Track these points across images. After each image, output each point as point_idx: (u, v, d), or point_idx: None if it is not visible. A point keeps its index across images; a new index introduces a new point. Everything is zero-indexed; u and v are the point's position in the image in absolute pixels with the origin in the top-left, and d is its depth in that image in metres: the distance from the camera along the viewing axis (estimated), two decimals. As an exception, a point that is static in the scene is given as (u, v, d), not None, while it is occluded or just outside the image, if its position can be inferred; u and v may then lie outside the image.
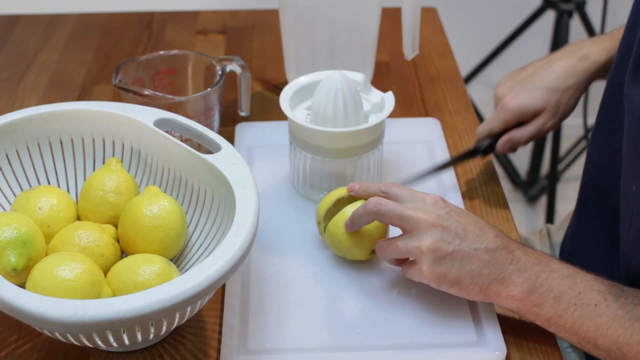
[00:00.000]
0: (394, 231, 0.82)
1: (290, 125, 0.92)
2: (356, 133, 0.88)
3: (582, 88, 0.97)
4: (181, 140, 0.84)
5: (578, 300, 0.73)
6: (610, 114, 0.88)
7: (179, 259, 0.83)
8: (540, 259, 0.75)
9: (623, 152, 0.81)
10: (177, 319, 0.70)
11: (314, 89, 0.91)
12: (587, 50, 0.97)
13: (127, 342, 0.70)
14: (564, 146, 2.13)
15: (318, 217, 0.86)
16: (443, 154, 1.02)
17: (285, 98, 0.92)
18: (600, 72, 0.97)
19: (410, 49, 1.03)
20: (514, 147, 0.96)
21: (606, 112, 0.89)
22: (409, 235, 0.77)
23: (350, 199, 0.86)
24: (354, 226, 0.81)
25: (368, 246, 0.83)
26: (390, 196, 0.79)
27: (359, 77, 0.94)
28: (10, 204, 0.84)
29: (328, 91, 0.88)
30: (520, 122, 0.96)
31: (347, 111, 0.88)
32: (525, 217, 2.12)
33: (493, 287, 0.75)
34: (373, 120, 0.91)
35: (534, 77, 0.97)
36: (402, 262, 0.80)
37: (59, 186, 0.87)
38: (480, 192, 0.98)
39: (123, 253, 0.81)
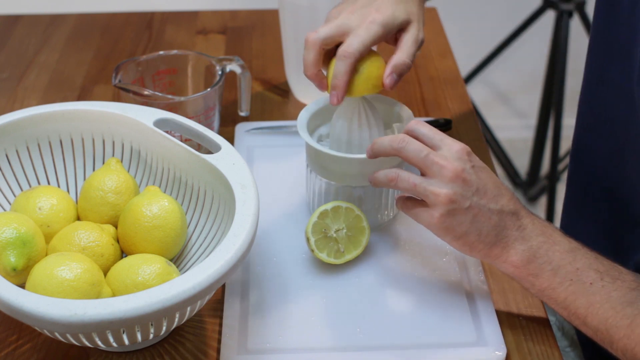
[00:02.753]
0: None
1: (307, 148, 0.89)
2: (363, 160, 0.83)
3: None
4: (181, 140, 0.84)
5: (574, 276, 0.73)
6: (592, 105, 0.87)
7: (178, 259, 0.83)
8: (544, 230, 0.76)
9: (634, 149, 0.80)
10: (177, 319, 0.70)
11: (333, 111, 0.88)
12: None
13: (127, 342, 0.70)
14: (564, 146, 2.13)
15: (306, 233, 0.84)
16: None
17: (303, 119, 0.88)
18: None
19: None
20: (401, 74, 0.86)
21: (587, 105, 0.88)
22: (429, 179, 0.76)
23: (334, 210, 0.85)
24: (374, 154, 0.80)
25: (367, 80, 0.83)
26: (417, 135, 0.78)
27: (405, 114, 0.89)
28: (10, 204, 0.84)
29: (344, 114, 0.86)
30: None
31: (362, 136, 0.86)
32: (525, 217, 2.12)
33: (495, 250, 0.75)
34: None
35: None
36: (408, 199, 0.79)
37: (58, 186, 0.87)
38: (480, 192, 0.98)
39: (123, 253, 0.81)
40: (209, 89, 0.97)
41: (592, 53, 0.88)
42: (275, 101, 1.15)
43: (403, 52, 0.85)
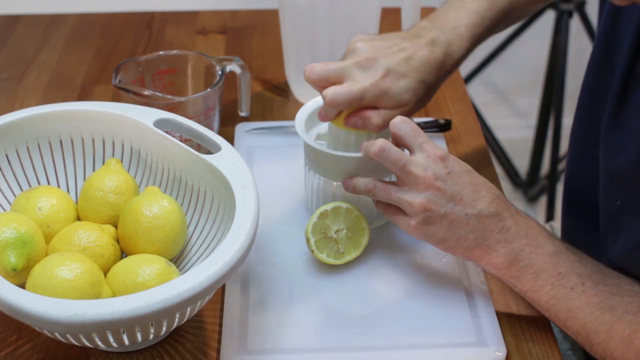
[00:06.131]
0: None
1: (304, 147, 0.89)
2: (359, 159, 0.84)
3: (443, 80, 0.90)
4: (181, 140, 0.84)
5: (556, 281, 0.74)
6: (589, 112, 0.87)
7: (178, 259, 0.83)
8: (529, 232, 0.76)
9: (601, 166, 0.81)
10: (177, 319, 0.70)
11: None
12: (452, 44, 0.88)
13: (127, 342, 0.70)
14: (564, 146, 2.13)
15: (306, 234, 0.84)
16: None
17: (301, 118, 0.89)
18: (461, 61, 0.91)
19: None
20: (367, 126, 0.84)
21: (584, 110, 0.88)
22: (405, 187, 0.77)
23: (334, 210, 0.85)
24: (364, 156, 0.80)
25: None
26: (399, 134, 0.78)
27: None
28: (10, 204, 0.84)
29: None
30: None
31: (360, 134, 0.86)
32: (525, 217, 2.12)
33: (476, 252, 0.76)
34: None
35: (402, 59, 0.85)
36: (390, 205, 0.80)
37: (59, 186, 0.87)
38: (480, 192, 0.98)
39: (123, 253, 0.81)
40: (209, 89, 0.97)
41: (591, 65, 0.87)
42: (275, 101, 1.15)
43: (379, 116, 0.83)
